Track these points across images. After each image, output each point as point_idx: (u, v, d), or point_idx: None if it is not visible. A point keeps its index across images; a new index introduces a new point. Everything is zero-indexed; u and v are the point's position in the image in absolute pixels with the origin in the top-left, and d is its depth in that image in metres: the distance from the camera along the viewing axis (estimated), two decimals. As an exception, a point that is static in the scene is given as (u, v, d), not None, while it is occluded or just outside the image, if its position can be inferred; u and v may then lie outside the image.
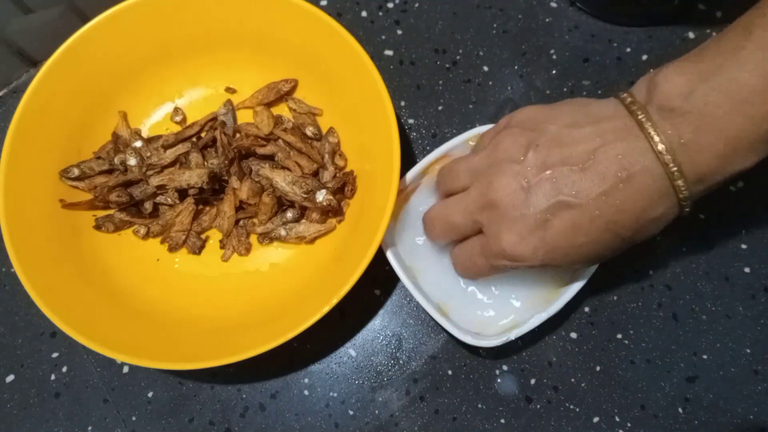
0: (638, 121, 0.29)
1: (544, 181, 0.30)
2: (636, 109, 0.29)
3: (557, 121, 0.31)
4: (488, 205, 0.32)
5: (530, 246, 0.31)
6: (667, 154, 0.28)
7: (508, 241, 0.31)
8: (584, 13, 0.48)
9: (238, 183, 0.42)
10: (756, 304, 0.40)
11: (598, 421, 0.39)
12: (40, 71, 0.40)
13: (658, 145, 0.28)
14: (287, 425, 0.40)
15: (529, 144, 0.31)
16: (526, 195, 0.30)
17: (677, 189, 0.28)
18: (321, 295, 0.36)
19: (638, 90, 0.30)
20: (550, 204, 0.30)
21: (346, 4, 0.49)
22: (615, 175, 0.29)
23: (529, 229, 0.30)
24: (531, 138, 0.31)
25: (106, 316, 0.38)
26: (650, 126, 0.28)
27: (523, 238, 0.31)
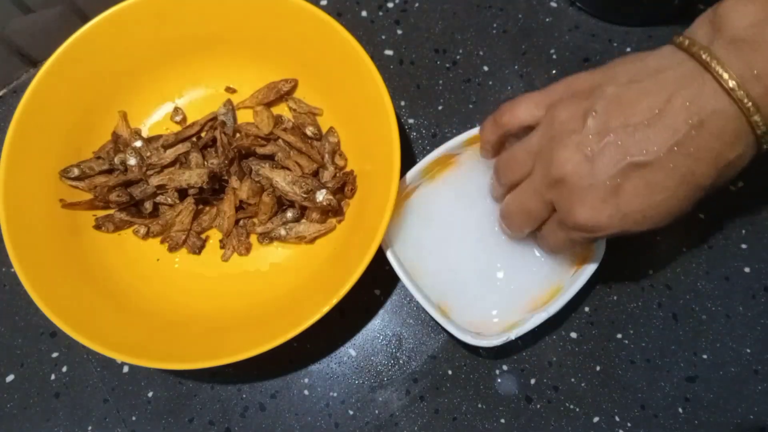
0: (703, 61, 0.27)
1: (608, 147, 0.29)
2: (698, 50, 0.27)
3: (613, 82, 0.30)
4: (556, 182, 0.30)
5: (605, 215, 0.29)
6: (740, 90, 0.26)
7: (582, 214, 0.30)
8: (584, 13, 0.48)
9: (238, 183, 0.42)
10: (756, 304, 0.40)
11: (598, 421, 0.39)
12: (40, 71, 0.40)
13: (728, 82, 0.26)
14: (287, 425, 0.40)
15: (586, 111, 0.29)
16: (591, 164, 0.29)
17: (754, 125, 0.27)
18: (321, 295, 0.36)
19: (698, 29, 0.28)
20: (619, 168, 0.28)
21: (346, 4, 0.49)
22: (685, 123, 0.27)
23: (601, 199, 0.29)
24: (587, 105, 0.30)
25: (106, 316, 0.38)
26: (717, 64, 0.26)
27: (595, 208, 0.29)
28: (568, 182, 0.30)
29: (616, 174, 0.29)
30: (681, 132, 0.27)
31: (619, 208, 0.29)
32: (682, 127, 0.27)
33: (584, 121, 0.29)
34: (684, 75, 0.28)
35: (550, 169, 0.30)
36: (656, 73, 0.29)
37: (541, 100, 0.33)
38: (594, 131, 0.29)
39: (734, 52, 0.27)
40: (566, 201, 0.30)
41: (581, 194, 0.30)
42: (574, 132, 0.30)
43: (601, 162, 0.29)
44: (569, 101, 0.31)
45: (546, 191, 0.31)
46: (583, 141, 0.29)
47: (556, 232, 0.33)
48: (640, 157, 0.28)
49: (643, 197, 0.29)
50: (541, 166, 0.31)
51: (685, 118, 0.27)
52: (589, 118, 0.29)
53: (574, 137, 0.30)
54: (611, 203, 0.29)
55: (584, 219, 0.30)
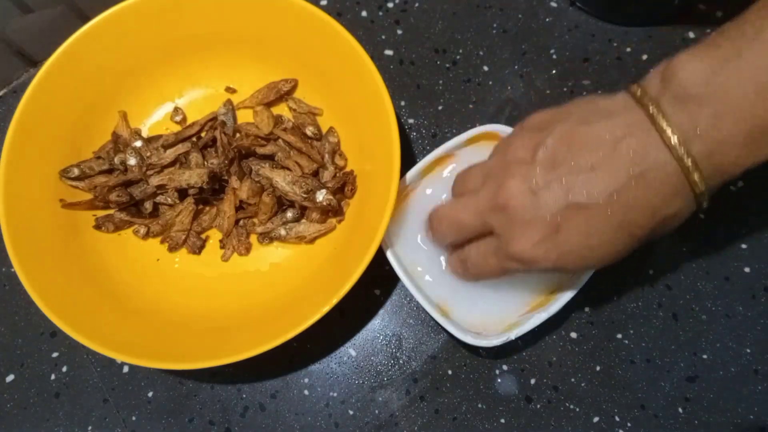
0: (649, 114, 0.28)
1: (553, 182, 0.29)
2: (647, 102, 0.28)
3: (566, 120, 0.30)
4: (499, 208, 0.31)
5: (542, 250, 0.30)
6: (681, 147, 0.26)
7: (520, 245, 0.30)
8: (584, 12, 0.48)
9: (238, 183, 0.42)
10: (756, 304, 0.40)
11: (598, 420, 0.39)
12: (40, 71, 0.40)
13: (671, 138, 0.27)
14: (287, 425, 0.40)
15: (537, 144, 0.30)
16: (536, 197, 0.30)
17: (693, 184, 0.27)
18: (321, 295, 0.36)
19: (650, 81, 0.29)
20: (561, 206, 0.29)
21: (346, 4, 0.49)
22: (627, 172, 0.28)
23: (541, 234, 0.30)
24: (539, 138, 0.30)
25: (106, 316, 0.38)
26: (662, 118, 0.27)
27: (535, 242, 0.30)
28: (511, 211, 0.30)
29: (558, 211, 0.29)
30: (622, 181, 0.28)
31: (557, 246, 0.30)
32: (623, 176, 0.28)
33: (535, 153, 0.30)
34: (632, 123, 0.28)
35: (496, 193, 0.31)
36: (607, 117, 0.29)
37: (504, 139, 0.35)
38: (542, 165, 0.30)
39: (680, 108, 0.27)
40: (507, 229, 0.31)
41: (523, 225, 0.30)
42: (524, 163, 0.30)
43: (544, 197, 0.29)
44: (525, 132, 0.32)
45: (487, 213, 0.32)
46: (531, 173, 0.30)
47: (488, 257, 0.33)
48: (581, 198, 0.29)
49: (580, 239, 0.29)
50: (488, 188, 0.32)
51: (627, 167, 0.28)
52: (539, 150, 0.30)
53: (523, 168, 0.30)
54: (550, 239, 0.30)
55: (521, 251, 0.30)
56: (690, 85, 0.27)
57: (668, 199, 0.28)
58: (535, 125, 0.32)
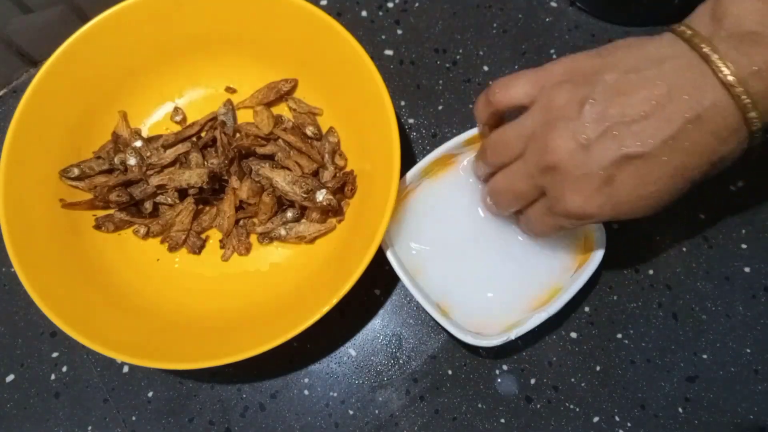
0: (703, 54, 0.27)
1: (604, 136, 0.28)
2: (698, 42, 0.27)
3: (613, 69, 0.29)
4: (548, 168, 0.30)
5: (596, 204, 0.29)
6: (739, 86, 0.26)
7: (573, 201, 0.30)
8: (584, 12, 0.48)
9: (238, 183, 0.42)
10: (756, 303, 0.40)
11: (598, 420, 0.39)
12: (40, 71, 0.40)
13: (727, 76, 0.26)
14: (287, 425, 0.40)
15: (584, 98, 0.29)
16: (586, 153, 0.29)
17: (750, 121, 0.27)
18: (321, 295, 0.36)
19: (699, 20, 0.28)
20: (614, 159, 0.28)
21: (346, 4, 0.49)
22: (682, 117, 0.27)
23: (594, 188, 0.29)
24: (585, 92, 0.29)
25: (106, 316, 0.38)
26: (717, 58, 0.26)
27: (587, 197, 0.29)
28: (561, 169, 0.30)
29: (610, 164, 0.28)
30: (677, 125, 0.27)
31: (611, 198, 0.29)
32: (679, 121, 0.27)
33: (581, 107, 0.29)
34: (683, 67, 0.27)
35: (543, 155, 0.30)
36: (656, 63, 0.28)
37: (537, 80, 0.32)
38: (590, 119, 0.29)
39: (735, 47, 0.26)
40: (558, 188, 0.30)
41: (574, 182, 0.29)
42: (570, 118, 0.29)
43: (595, 151, 0.29)
44: (567, 85, 0.30)
45: (538, 176, 0.31)
46: (578, 129, 0.29)
47: (544, 217, 0.33)
48: (635, 148, 0.28)
49: (635, 188, 0.29)
50: (534, 151, 0.31)
51: (682, 111, 0.27)
52: (586, 105, 0.29)
53: (570, 124, 0.29)
54: (603, 193, 0.29)
55: (575, 207, 0.30)
56: (745, 22, 0.26)
57: (724, 138, 0.27)
58: (577, 74, 0.30)
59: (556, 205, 0.31)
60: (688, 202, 0.41)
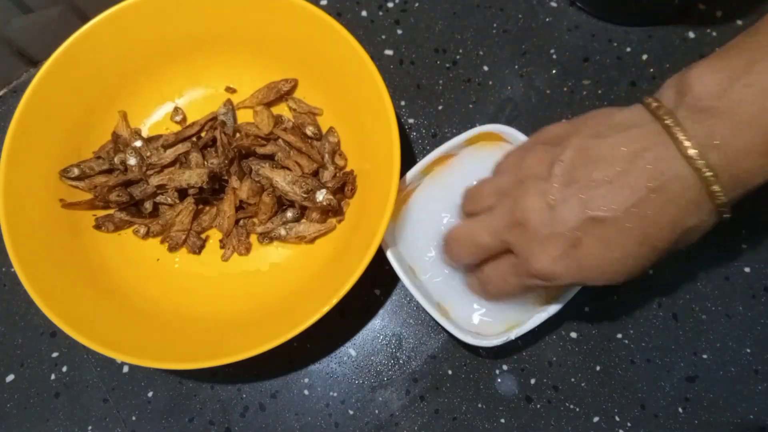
0: (665, 125, 0.27)
1: (571, 197, 0.29)
2: (662, 114, 0.28)
3: (581, 134, 0.30)
4: (516, 225, 0.31)
5: (563, 265, 0.30)
6: (700, 159, 0.26)
7: (541, 262, 0.30)
8: (584, 12, 0.48)
9: (238, 183, 0.42)
10: (756, 303, 0.40)
11: (598, 420, 0.39)
12: (40, 71, 0.40)
13: (688, 150, 0.26)
14: (287, 425, 0.40)
15: (553, 160, 0.30)
16: (553, 213, 0.29)
17: (713, 195, 0.27)
18: (321, 295, 0.36)
19: (665, 93, 0.29)
20: (580, 221, 0.29)
21: (346, 4, 0.49)
22: (645, 185, 0.27)
23: (561, 249, 0.29)
24: (555, 153, 0.30)
25: (106, 316, 0.38)
26: (679, 130, 0.27)
27: (555, 258, 0.29)
28: (529, 228, 0.30)
29: (576, 226, 0.29)
30: (640, 194, 0.28)
31: (577, 261, 0.29)
32: (642, 189, 0.28)
33: (551, 168, 0.30)
34: (647, 136, 0.28)
35: (513, 211, 0.31)
36: (622, 129, 0.29)
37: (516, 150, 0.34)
38: (559, 180, 0.30)
39: (697, 120, 0.27)
40: (525, 247, 0.31)
41: (541, 242, 0.30)
42: (540, 178, 0.30)
43: (562, 212, 0.29)
44: (540, 147, 0.32)
45: (505, 231, 0.32)
46: (547, 189, 0.30)
47: (507, 276, 0.33)
48: (600, 212, 0.28)
49: (601, 253, 0.29)
50: (504, 207, 0.32)
51: (646, 180, 0.27)
52: (555, 165, 0.30)
53: (539, 184, 0.30)
54: (570, 255, 0.29)
55: (541, 267, 0.30)
56: (706, 97, 0.26)
57: (689, 211, 0.28)
58: (549, 139, 0.32)
59: (524, 264, 0.31)
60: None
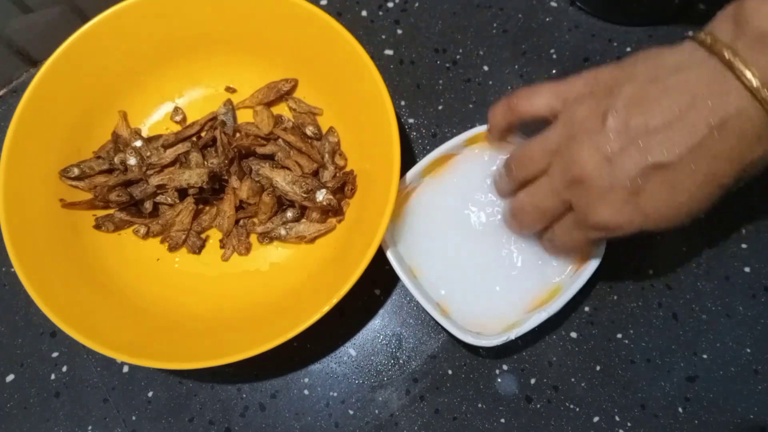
0: (725, 60, 0.26)
1: (629, 147, 0.28)
2: (720, 48, 0.27)
3: (634, 80, 0.29)
4: (575, 182, 0.30)
5: (626, 215, 0.29)
6: (764, 89, 0.25)
7: (602, 214, 0.29)
8: (584, 12, 0.48)
9: (238, 182, 0.42)
10: (756, 303, 0.40)
11: (598, 420, 0.39)
12: (40, 71, 0.40)
13: (752, 81, 0.26)
14: (287, 425, 0.40)
15: (606, 110, 0.29)
16: (612, 165, 0.28)
17: None
18: (321, 295, 0.36)
19: (720, 27, 0.28)
20: (640, 169, 0.28)
21: (346, 4, 0.49)
22: (707, 124, 0.27)
23: (623, 199, 0.29)
24: (607, 104, 0.29)
25: (106, 316, 0.38)
26: (740, 62, 0.26)
27: (617, 209, 0.29)
28: (588, 182, 0.29)
29: (636, 175, 0.28)
30: (702, 133, 0.27)
31: (640, 209, 0.29)
32: (704, 128, 0.27)
33: (604, 120, 0.29)
34: (705, 74, 0.27)
35: (569, 169, 0.30)
36: (677, 71, 0.28)
37: (560, 92, 0.32)
38: (614, 131, 0.29)
39: (758, 51, 0.26)
40: (586, 201, 0.30)
41: (602, 195, 0.29)
42: (593, 131, 0.29)
43: (621, 163, 0.28)
44: (589, 98, 0.30)
45: (564, 190, 0.31)
46: (603, 141, 0.29)
47: (572, 231, 0.32)
48: (661, 158, 0.28)
49: (665, 198, 0.29)
50: (559, 165, 0.31)
51: (707, 118, 0.27)
52: (609, 117, 0.29)
53: (594, 137, 0.29)
54: (632, 204, 0.29)
55: (605, 219, 0.30)
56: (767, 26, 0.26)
57: (753, 143, 0.27)
58: (599, 86, 0.30)
59: (585, 218, 0.31)
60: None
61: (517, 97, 0.34)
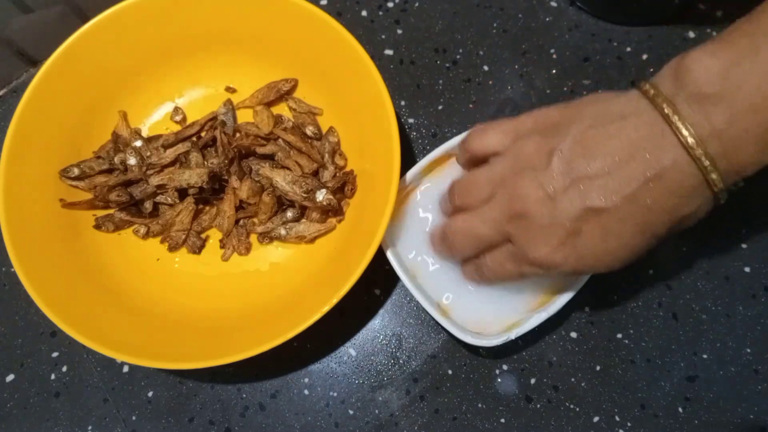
0: (664, 114, 0.27)
1: (570, 188, 0.29)
2: (661, 102, 0.27)
3: (579, 123, 0.30)
4: (516, 216, 0.31)
5: (561, 254, 0.30)
6: (698, 148, 0.26)
7: (540, 251, 0.30)
8: (584, 12, 0.48)
9: (238, 182, 0.42)
10: (756, 303, 0.40)
11: (598, 420, 0.39)
12: (40, 71, 0.40)
13: (687, 138, 0.26)
14: (287, 425, 0.40)
15: (552, 150, 0.30)
16: (553, 204, 0.29)
17: (711, 182, 0.27)
18: (321, 295, 0.36)
19: (663, 80, 0.28)
20: (579, 211, 0.29)
21: (346, 4, 0.49)
22: (643, 175, 0.28)
23: (560, 239, 0.30)
24: (553, 143, 0.30)
25: (106, 316, 0.38)
26: (677, 119, 0.27)
27: (554, 247, 0.30)
28: (530, 218, 0.30)
29: (575, 217, 0.29)
30: (638, 183, 0.28)
31: (576, 250, 0.30)
32: (640, 179, 0.28)
33: (549, 159, 0.30)
34: (645, 124, 0.28)
35: (512, 202, 0.31)
36: (620, 118, 0.29)
37: (510, 130, 0.33)
38: (557, 171, 0.29)
39: (695, 108, 0.27)
40: (524, 236, 0.31)
41: (541, 231, 0.30)
42: (539, 168, 0.30)
43: (562, 202, 0.29)
44: (536, 136, 0.31)
45: (505, 223, 0.32)
46: (547, 179, 0.30)
47: (505, 263, 0.33)
48: (598, 203, 0.28)
49: (599, 242, 0.29)
50: (503, 197, 0.32)
51: (643, 169, 0.28)
52: (554, 156, 0.30)
53: (538, 174, 0.30)
54: (569, 244, 0.30)
55: (541, 256, 0.30)
56: (705, 83, 0.26)
57: (686, 198, 0.28)
58: (546, 126, 0.31)
59: (524, 253, 0.31)
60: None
61: (471, 137, 0.35)
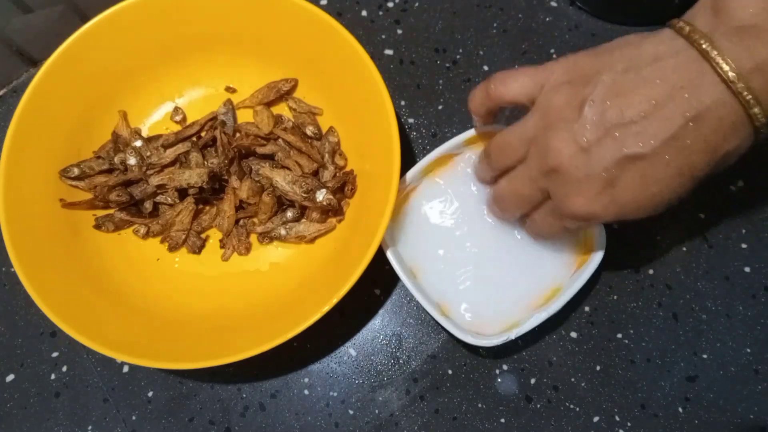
0: (702, 50, 0.26)
1: (605, 138, 0.28)
2: (698, 38, 0.26)
3: (611, 69, 0.29)
4: (551, 171, 0.30)
5: (600, 205, 0.29)
6: (740, 82, 0.25)
7: (577, 203, 0.30)
8: (584, 12, 0.48)
9: (238, 182, 0.42)
10: (756, 303, 0.40)
11: (598, 420, 0.39)
12: (40, 71, 0.40)
13: (728, 73, 0.25)
14: (287, 425, 0.40)
15: (583, 100, 0.29)
16: (588, 155, 0.29)
17: (753, 117, 0.26)
18: (321, 295, 0.36)
19: (698, 15, 0.28)
20: (615, 160, 0.28)
21: (346, 4, 0.49)
22: (683, 116, 0.27)
23: (597, 189, 0.29)
24: (585, 93, 0.29)
25: (106, 316, 0.38)
26: (716, 54, 0.26)
27: (591, 198, 0.29)
28: (564, 172, 0.29)
29: (611, 165, 0.28)
30: (677, 125, 0.27)
31: (614, 199, 0.29)
32: (679, 120, 0.27)
33: (581, 110, 0.29)
34: (682, 64, 0.27)
35: (545, 158, 0.30)
36: (654, 61, 0.28)
37: (536, 78, 0.32)
38: (590, 121, 0.29)
39: (735, 42, 0.26)
40: (561, 190, 0.30)
41: (577, 184, 0.29)
42: (570, 121, 0.29)
43: (597, 153, 0.28)
44: (566, 87, 0.30)
45: (541, 179, 0.31)
46: (579, 131, 0.29)
47: (548, 219, 0.33)
48: (636, 149, 0.28)
49: (639, 189, 0.29)
50: (536, 154, 0.31)
51: (683, 110, 0.27)
52: (585, 107, 0.29)
53: (570, 126, 0.29)
54: (607, 194, 0.29)
55: (579, 209, 0.30)
56: (745, 16, 0.26)
57: (728, 135, 0.27)
58: (576, 74, 0.30)
59: (561, 207, 0.31)
60: (688, 202, 0.41)
61: (494, 81, 0.33)
